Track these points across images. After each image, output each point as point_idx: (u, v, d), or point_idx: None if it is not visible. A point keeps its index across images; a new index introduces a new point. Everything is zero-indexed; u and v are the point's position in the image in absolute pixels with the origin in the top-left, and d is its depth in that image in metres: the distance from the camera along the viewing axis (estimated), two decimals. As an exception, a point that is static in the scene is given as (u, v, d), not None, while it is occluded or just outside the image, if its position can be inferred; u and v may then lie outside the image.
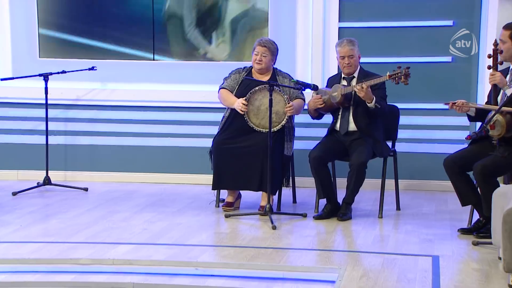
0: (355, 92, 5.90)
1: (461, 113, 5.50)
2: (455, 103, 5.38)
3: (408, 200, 6.68)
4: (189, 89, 7.43)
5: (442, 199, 6.74)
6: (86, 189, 7.06)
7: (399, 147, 6.57)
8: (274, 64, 6.30)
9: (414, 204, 6.58)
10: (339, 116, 6.10)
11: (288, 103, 6.08)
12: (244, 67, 6.36)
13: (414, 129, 7.15)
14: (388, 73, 5.78)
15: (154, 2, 7.35)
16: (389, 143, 6.30)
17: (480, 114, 5.46)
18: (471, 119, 5.56)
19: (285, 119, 6.09)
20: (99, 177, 7.56)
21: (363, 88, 5.77)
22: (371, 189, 6.58)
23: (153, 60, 7.46)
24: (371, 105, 5.85)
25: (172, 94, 7.46)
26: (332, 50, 6.80)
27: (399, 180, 6.37)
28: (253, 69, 6.29)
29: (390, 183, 6.28)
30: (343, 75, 6.14)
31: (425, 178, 7.19)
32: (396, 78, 5.75)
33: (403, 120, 6.51)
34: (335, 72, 6.23)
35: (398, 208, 6.33)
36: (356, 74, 6.08)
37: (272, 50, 6.21)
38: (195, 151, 7.38)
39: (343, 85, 6.05)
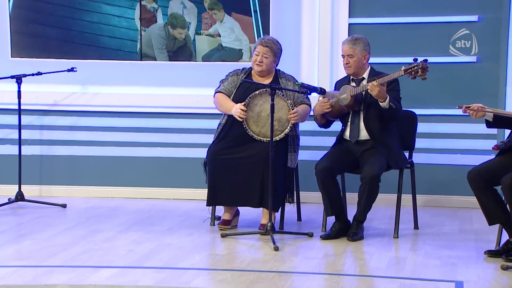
0: (366, 92, 5.90)
1: (477, 119, 5.45)
2: (469, 107, 5.36)
3: (427, 218, 6.67)
4: (180, 92, 7.44)
5: (466, 217, 6.74)
6: (64, 206, 7.04)
7: (417, 158, 6.56)
8: (276, 65, 6.29)
9: (434, 222, 6.57)
10: (349, 123, 6.09)
11: (292, 109, 6.07)
12: (243, 69, 6.36)
13: (434, 138, 7.16)
14: (403, 67, 5.77)
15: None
16: (406, 154, 6.28)
17: (499, 120, 5.44)
18: (488, 124, 5.54)
19: (288, 127, 6.08)
20: (78, 192, 7.55)
21: (375, 85, 5.76)
22: (386, 205, 6.59)
23: (140, 60, 7.46)
24: (384, 104, 5.83)
25: (161, 99, 7.46)
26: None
27: (417, 195, 6.36)
28: (253, 71, 6.28)
29: (407, 198, 6.27)
30: (351, 77, 6.14)
31: (447, 193, 7.19)
32: (413, 72, 5.74)
33: (421, 127, 6.51)
34: (345, 74, 6.23)
35: (416, 227, 6.32)
36: (366, 76, 6.08)
37: (275, 50, 6.20)
38: (188, 163, 7.38)
39: (353, 86, 6.05)
